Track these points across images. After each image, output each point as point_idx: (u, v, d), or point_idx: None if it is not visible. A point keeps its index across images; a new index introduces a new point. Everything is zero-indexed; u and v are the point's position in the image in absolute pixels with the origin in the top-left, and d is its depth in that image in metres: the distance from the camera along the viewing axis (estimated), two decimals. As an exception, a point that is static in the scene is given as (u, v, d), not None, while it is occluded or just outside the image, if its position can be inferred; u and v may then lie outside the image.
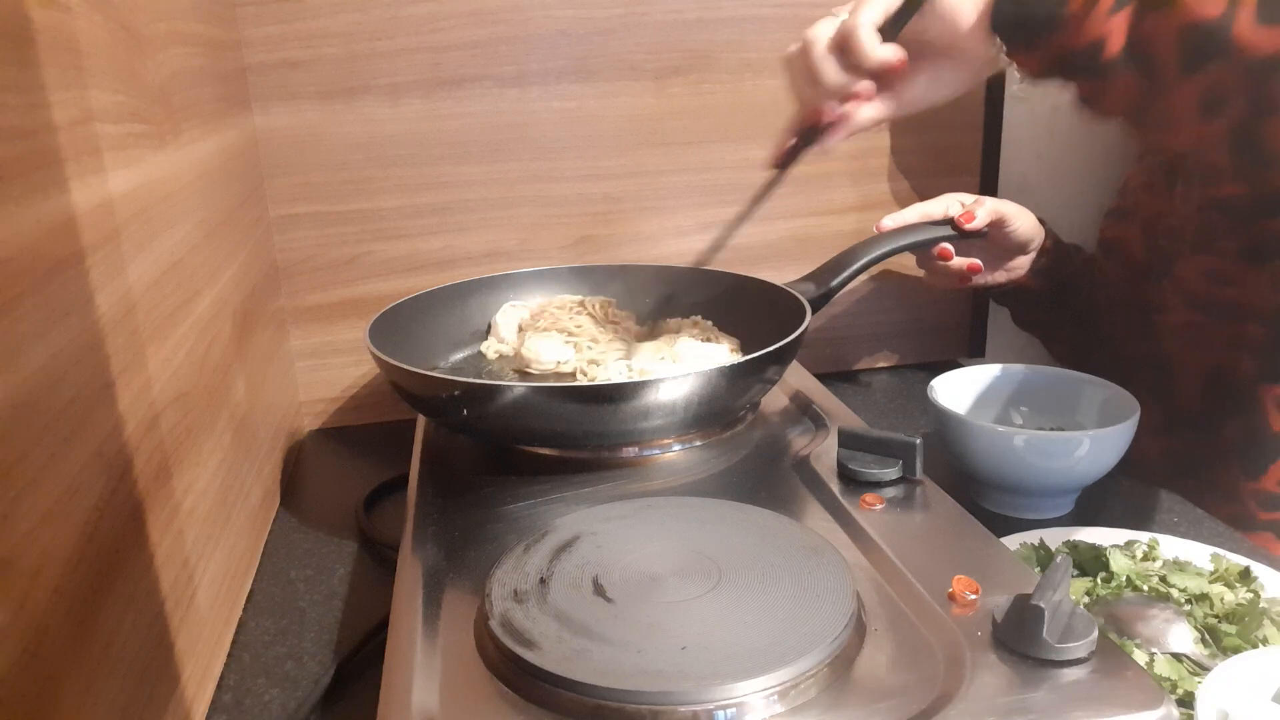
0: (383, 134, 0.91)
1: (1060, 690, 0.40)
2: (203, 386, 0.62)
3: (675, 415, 0.62)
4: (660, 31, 0.94)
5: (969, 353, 1.11)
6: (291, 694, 0.58)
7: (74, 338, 0.42)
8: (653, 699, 0.40)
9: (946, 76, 0.66)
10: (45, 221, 0.40)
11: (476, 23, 0.90)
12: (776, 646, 0.42)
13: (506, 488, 0.62)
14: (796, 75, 0.67)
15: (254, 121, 0.88)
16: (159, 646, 0.49)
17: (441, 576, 0.52)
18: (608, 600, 0.46)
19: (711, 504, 0.56)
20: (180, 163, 0.62)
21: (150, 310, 0.53)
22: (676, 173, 0.98)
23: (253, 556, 0.72)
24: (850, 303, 1.06)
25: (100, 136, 0.47)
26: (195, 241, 0.64)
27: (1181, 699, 0.49)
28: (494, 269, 0.93)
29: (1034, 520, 0.71)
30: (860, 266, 0.81)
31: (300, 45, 0.87)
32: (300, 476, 0.88)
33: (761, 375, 0.67)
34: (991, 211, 0.84)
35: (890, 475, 0.58)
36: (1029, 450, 0.68)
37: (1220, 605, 0.57)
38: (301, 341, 0.95)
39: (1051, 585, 0.42)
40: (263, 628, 0.65)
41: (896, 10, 0.63)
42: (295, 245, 0.93)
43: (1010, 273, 0.90)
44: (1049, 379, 0.79)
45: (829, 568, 0.48)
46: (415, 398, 0.68)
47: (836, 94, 0.66)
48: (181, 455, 0.55)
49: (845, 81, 0.64)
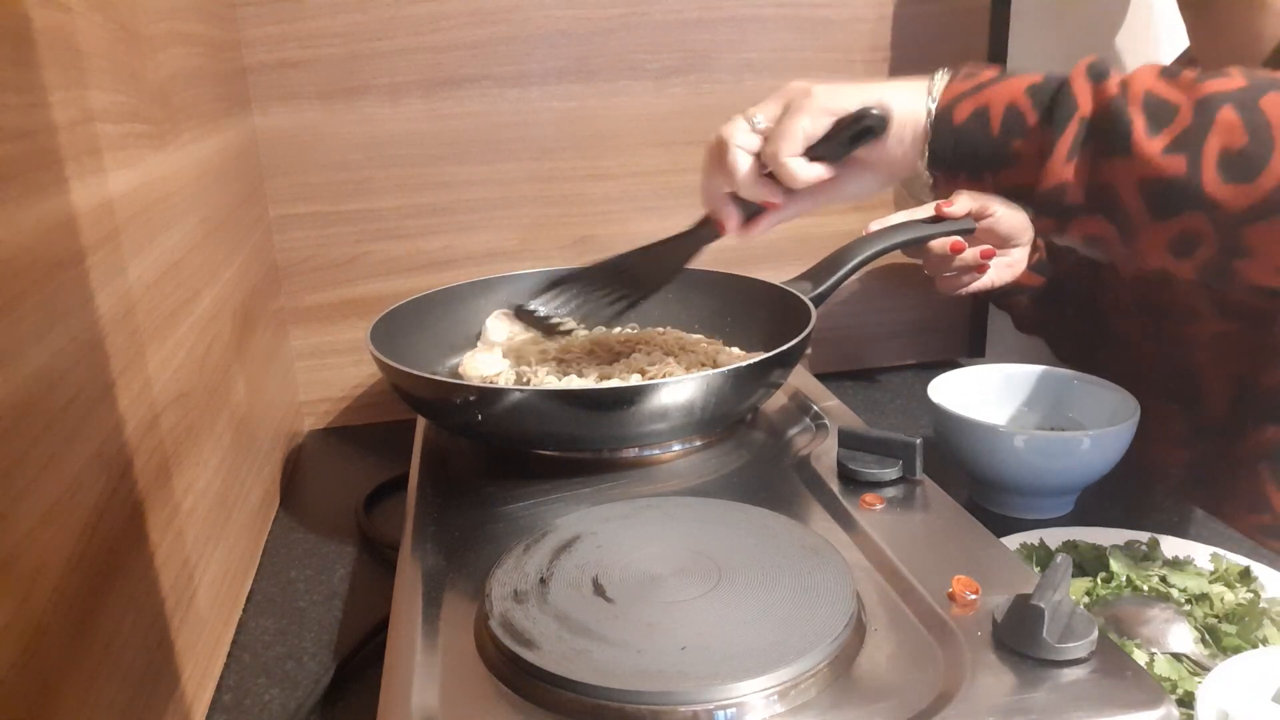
0: (383, 134, 0.91)
1: (1060, 690, 0.40)
2: (203, 386, 0.62)
3: (683, 418, 0.62)
4: (660, 31, 0.94)
5: (969, 353, 1.11)
6: (291, 694, 0.58)
7: (74, 338, 0.42)
8: (653, 699, 0.40)
9: (866, 180, 0.63)
10: (45, 221, 0.40)
11: (476, 23, 0.90)
12: (776, 646, 0.42)
13: (507, 488, 0.62)
14: (711, 173, 0.64)
15: (254, 121, 0.88)
16: (159, 646, 0.49)
17: (441, 576, 0.52)
18: (608, 600, 0.46)
19: (711, 504, 0.56)
20: (180, 163, 0.62)
21: (150, 310, 0.53)
22: (676, 173, 0.98)
23: (253, 556, 0.72)
24: (850, 303, 1.06)
25: (100, 136, 0.47)
26: (195, 241, 0.64)
27: (1181, 699, 0.49)
28: (494, 269, 0.93)
29: (1034, 520, 0.71)
30: (858, 263, 0.81)
31: (300, 45, 0.87)
32: (300, 476, 0.88)
33: (768, 378, 0.67)
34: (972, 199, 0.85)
35: (890, 475, 0.58)
36: (1029, 450, 0.68)
37: (1220, 605, 0.57)
38: (301, 341, 0.95)
39: (1051, 585, 0.42)
40: (263, 628, 0.65)
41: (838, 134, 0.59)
42: (295, 245, 0.93)
43: (1010, 269, 0.91)
44: (1049, 379, 0.79)
45: (829, 568, 0.48)
46: (418, 401, 0.68)
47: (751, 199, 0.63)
48: (181, 455, 0.55)
49: (763, 194, 0.62)
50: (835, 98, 0.58)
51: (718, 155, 0.62)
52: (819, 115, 0.58)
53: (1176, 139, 0.50)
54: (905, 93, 0.58)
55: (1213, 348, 0.81)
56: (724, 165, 0.62)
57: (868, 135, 0.58)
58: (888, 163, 0.59)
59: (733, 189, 0.63)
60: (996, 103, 0.55)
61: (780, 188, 0.61)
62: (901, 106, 0.58)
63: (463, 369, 0.78)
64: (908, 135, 0.58)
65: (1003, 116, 0.55)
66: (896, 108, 0.57)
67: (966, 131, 0.56)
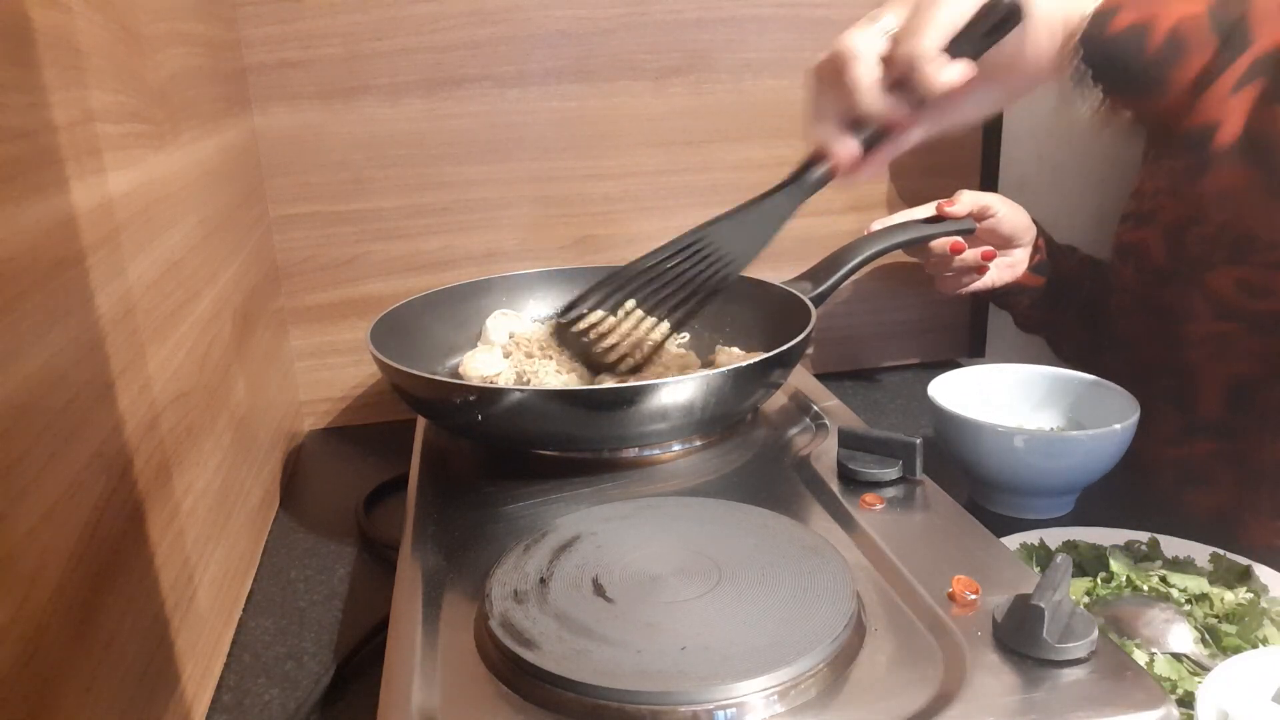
0: (383, 134, 0.91)
1: (1060, 690, 0.40)
2: (203, 386, 0.62)
3: (683, 418, 0.62)
4: (660, 31, 0.94)
5: (969, 353, 1.11)
6: (291, 694, 0.58)
7: (74, 338, 0.42)
8: (653, 699, 0.40)
9: (995, 95, 0.57)
10: (45, 221, 0.40)
11: (476, 23, 0.90)
12: (776, 646, 0.42)
13: (506, 488, 0.62)
14: (824, 95, 0.57)
15: (254, 121, 0.88)
16: (159, 646, 0.49)
17: (441, 577, 0.52)
18: (608, 600, 0.46)
19: (711, 504, 0.56)
20: (180, 163, 0.62)
21: (150, 310, 0.53)
22: (676, 173, 0.98)
23: (253, 556, 0.72)
24: (850, 303, 1.06)
25: (100, 136, 0.47)
26: (195, 241, 0.64)
27: (1181, 699, 0.49)
28: (494, 269, 0.93)
29: (1034, 520, 0.71)
30: (858, 263, 0.81)
31: (300, 45, 0.87)
32: (300, 476, 0.88)
33: (768, 378, 0.67)
34: (974, 200, 0.84)
35: (890, 475, 0.58)
36: (1029, 450, 0.68)
37: (1220, 605, 0.57)
38: (301, 341, 0.95)
39: (1051, 585, 0.42)
40: (263, 628, 0.65)
41: (975, 28, 0.53)
42: (295, 245, 0.93)
43: (1010, 270, 0.91)
44: (1049, 379, 0.79)
45: (829, 568, 0.48)
46: (418, 401, 0.68)
47: (872, 122, 0.56)
48: (181, 455, 0.55)
49: (890, 109, 0.55)
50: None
51: (833, 71, 0.55)
52: (960, 2, 0.52)
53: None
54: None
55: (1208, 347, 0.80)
56: (845, 79, 0.54)
57: (1004, 27, 0.52)
58: (1023, 68, 0.54)
59: (853, 108, 0.55)
60: (1163, 18, 0.50)
61: (908, 100, 0.54)
62: (1047, 2, 0.52)
63: (463, 369, 0.78)
64: (1052, 35, 0.52)
65: (1166, 36, 0.50)
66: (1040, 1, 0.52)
67: (1120, 43, 0.50)
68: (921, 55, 0.52)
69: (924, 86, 0.53)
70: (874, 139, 0.58)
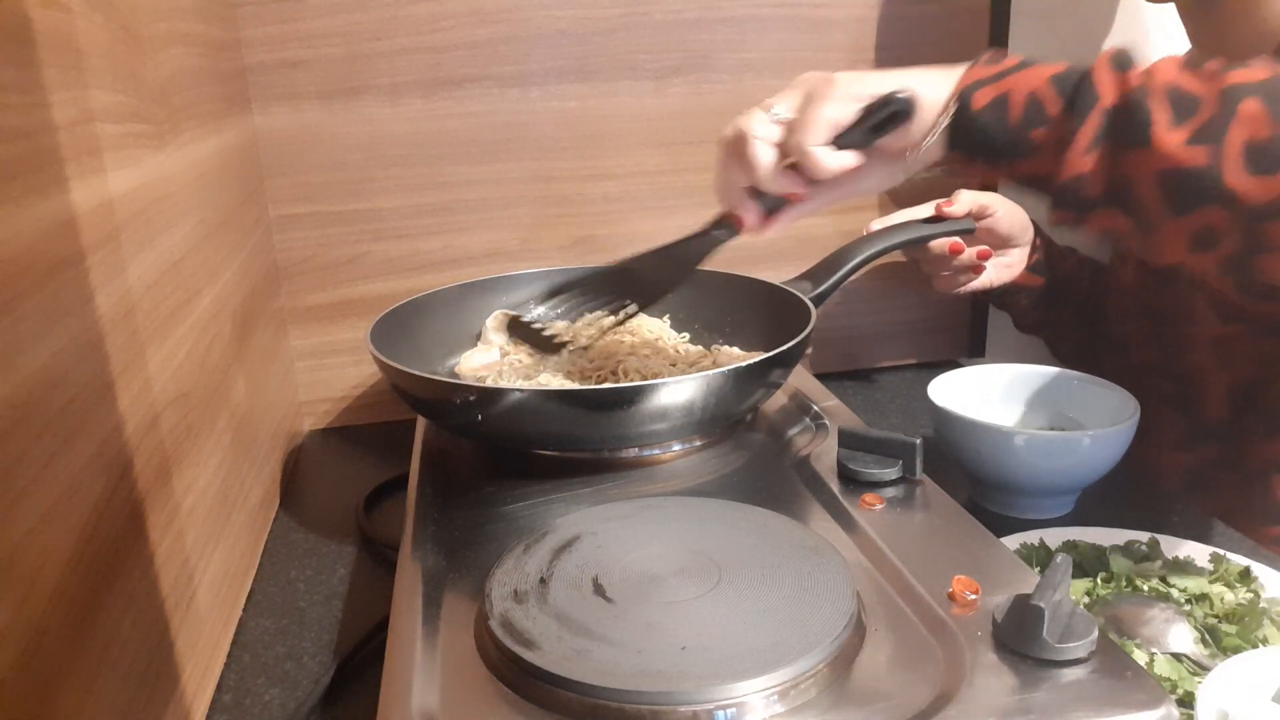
0: (383, 134, 0.91)
1: (1060, 690, 0.40)
2: (203, 386, 0.62)
3: (683, 418, 0.62)
4: (660, 31, 0.94)
5: (969, 353, 1.11)
6: (291, 694, 0.58)
7: (74, 338, 0.42)
8: (653, 699, 0.40)
9: (890, 170, 0.62)
10: (45, 221, 0.40)
11: (476, 23, 0.90)
12: (776, 646, 0.42)
13: (506, 488, 0.62)
14: (729, 168, 0.61)
15: (254, 121, 0.88)
16: (159, 646, 0.49)
17: (441, 576, 0.52)
18: (608, 600, 0.46)
19: (711, 504, 0.56)
20: (180, 163, 0.62)
21: (150, 310, 0.53)
22: (676, 173, 0.98)
23: (253, 556, 0.72)
24: (850, 303, 1.06)
25: (100, 136, 0.47)
26: (195, 241, 0.64)
27: (1181, 699, 0.49)
28: (494, 269, 0.93)
29: (1034, 520, 0.71)
30: (858, 263, 0.81)
31: (300, 45, 0.87)
32: (300, 476, 0.88)
33: (768, 378, 0.67)
34: (972, 199, 0.84)
35: (890, 475, 0.58)
36: (1029, 450, 0.68)
37: (1220, 605, 0.57)
38: (301, 341, 0.95)
39: (1051, 585, 0.42)
40: (263, 628, 0.65)
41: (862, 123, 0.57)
42: (295, 245, 0.93)
43: (1008, 270, 0.91)
44: (1049, 379, 0.79)
45: (829, 568, 0.48)
46: (418, 401, 0.68)
47: (771, 194, 0.61)
48: (181, 455, 0.55)
49: (786, 186, 0.60)
50: (860, 84, 0.57)
51: (735, 148, 0.60)
52: (846, 101, 0.57)
53: (1198, 131, 0.49)
54: (929, 78, 0.57)
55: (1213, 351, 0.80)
56: (743, 158, 0.59)
57: (895, 121, 0.57)
58: (913, 149, 0.58)
59: (752, 183, 0.61)
60: (1018, 91, 0.54)
61: (803, 179, 0.59)
62: (926, 92, 0.57)
63: (461, 368, 0.79)
64: (931, 121, 0.57)
65: (1024, 105, 0.54)
66: (921, 93, 0.57)
67: (985, 118, 0.55)
68: (805, 151, 0.57)
69: (811, 174, 0.58)
70: (775, 206, 0.63)
